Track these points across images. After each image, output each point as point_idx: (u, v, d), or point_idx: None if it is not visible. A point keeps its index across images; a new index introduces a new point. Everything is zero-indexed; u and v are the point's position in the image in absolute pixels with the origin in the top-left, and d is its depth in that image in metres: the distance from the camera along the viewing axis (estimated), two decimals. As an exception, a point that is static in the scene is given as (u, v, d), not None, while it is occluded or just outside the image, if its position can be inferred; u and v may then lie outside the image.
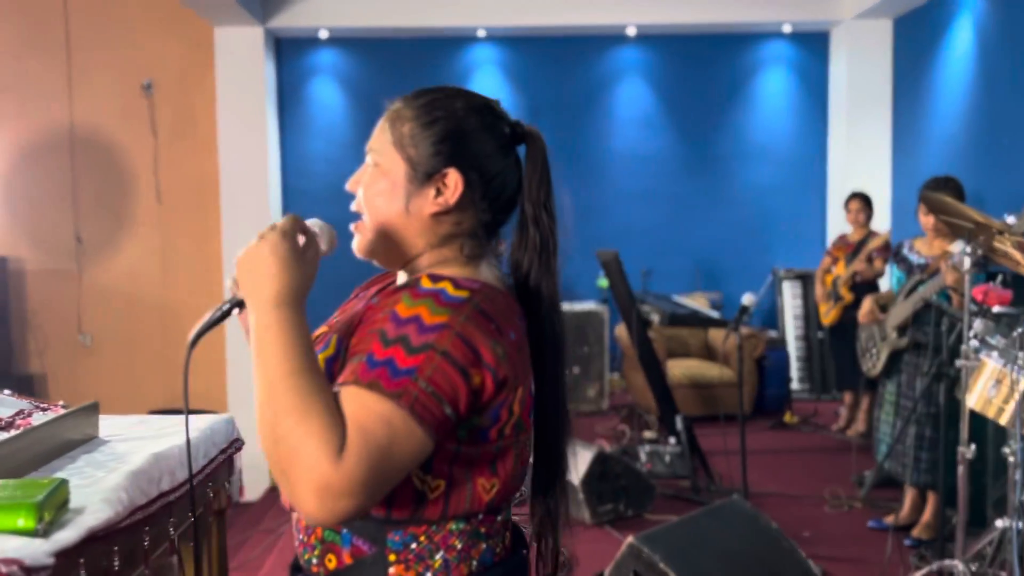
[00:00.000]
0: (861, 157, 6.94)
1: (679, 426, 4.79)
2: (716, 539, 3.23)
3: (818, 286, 5.83)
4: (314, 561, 1.12)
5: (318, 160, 7.19)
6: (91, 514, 1.26)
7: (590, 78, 7.28)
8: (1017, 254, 2.81)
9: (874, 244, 5.46)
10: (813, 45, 7.29)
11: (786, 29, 7.17)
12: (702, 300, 6.87)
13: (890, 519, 3.98)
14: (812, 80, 7.33)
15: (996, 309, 3.10)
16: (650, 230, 7.26)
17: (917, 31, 6.49)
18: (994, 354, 2.94)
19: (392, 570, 1.08)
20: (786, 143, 7.37)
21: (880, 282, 5.56)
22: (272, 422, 0.96)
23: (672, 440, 4.92)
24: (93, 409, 1.74)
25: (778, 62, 7.34)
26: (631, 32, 7.12)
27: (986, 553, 3.08)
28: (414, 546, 1.08)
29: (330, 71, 7.18)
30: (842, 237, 5.78)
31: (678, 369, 6.13)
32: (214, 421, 1.86)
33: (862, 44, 6.87)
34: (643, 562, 3.06)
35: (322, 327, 1.21)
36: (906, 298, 3.89)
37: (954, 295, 3.54)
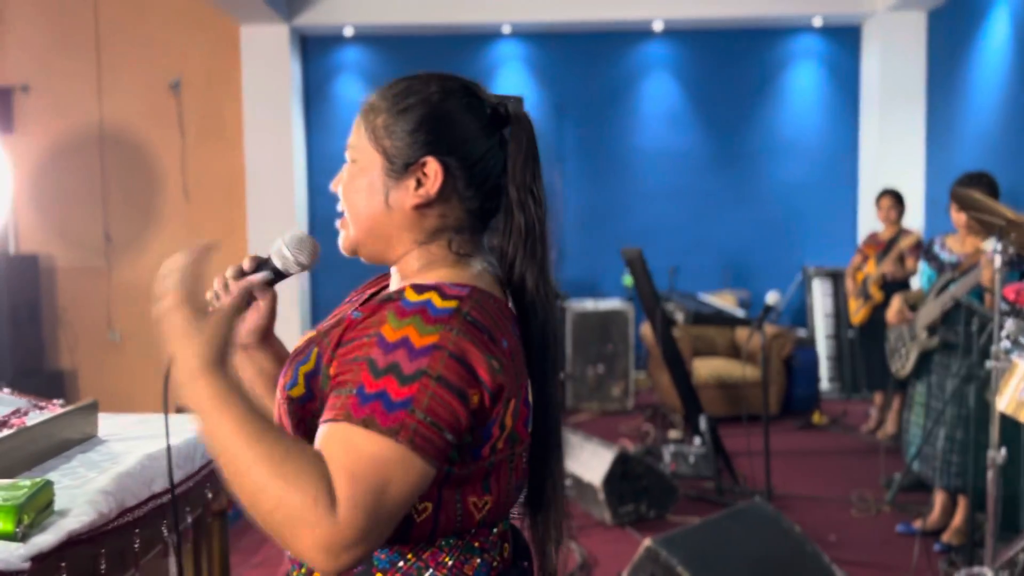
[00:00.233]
0: (893, 153, 6.80)
1: (703, 426, 4.71)
2: (737, 543, 3.16)
3: (848, 284, 5.72)
4: None
5: (343, 158, 7.17)
6: (74, 517, 1.24)
7: (616, 74, 7.21)
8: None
9: (906, 243, 5.33)
10: (844, 39, 7.16)
11: (816, 22, 7.04)
12: (730, 298, 6.78)
13: (919, 523, 3.88)
14: (843, 74, 7.20)
15: (1028, 309, 2.99)
16: (677, 227, 7.18)
17: (952, 23, 6.34)
18: (1026, 355, 2.84)
19: None
20: (816, 139, 7.25)
21: (911, 280, 5.43)
22: (252, 499, 0.90)
23: (697, 440, 4.84)
24: (91, 408, 1.73)
25: (808, 56, 7.22)
26: (658, 27, 7.04)
27: (1018, 560, 2.98)
28: (401, 564, 1.04)
29: (355, 68, 7.18)
30: (873, 235, 5.66)
31: (704, 368, 6.05)
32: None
33: (895, 37, 6.73)
34: (661, 565, 3.00)
35: (309, 332, 1.15)
36: (936, 297, 3.79)
37: (987, 294, 3.44)
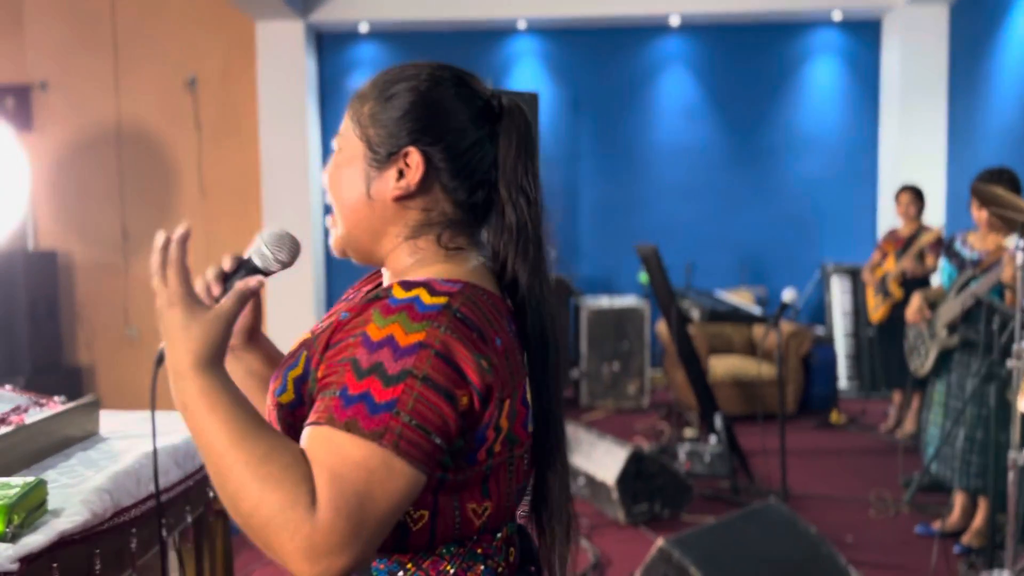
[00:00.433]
0: (914, 149, 6.71)
1: (718, 424, 4.67)
2: (751, 544, 3.12)
3: (867, 281, 5.64)
4: None
5: (358, 154, 7.18)
6: (66, 517, 1.22)
7: (632, 69, 7.16)
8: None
9: (926, 240, 5.24)
10: (864, 33, 7.07)
11: (836, 16, 6.96)
12: (747, 295, 6.72)
13: (938, 525, 3.82)
14: (863, 69, 7.11)
15: (1051, 307, 2.93)
16: (694, 224, 7.13)
17: (974, 17, 6.24)
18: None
19: None
20: (835, 134, 7.17)
21: (931, 277, 5.35)
22: (234, 501, 0.89)
23: (712, 439, 4.80)
24: (93, 406, 1.71)
25: (827, 51, 7.14)
26: (674, 22, 6.98)
27: (1039, 563, 2.92)
28: (401, 574, 1.01)
29: (371, 64, 7.17)
30: (892, 231, 5.58)
31: (720, 366, 5.99)
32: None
33: (916, 31, 6.63)
34: (673, 566, 2.96)
35: (306, 334, 1.11)
36: (957, 294, 3.72)
37: (1008, 292, 3.37)
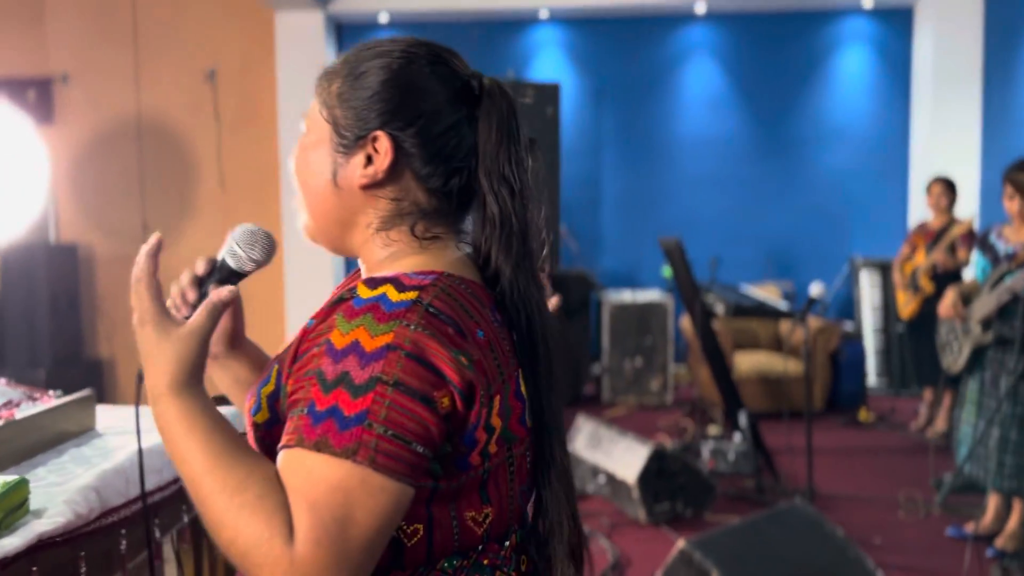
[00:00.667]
0: (947, 140, 6.55)
1: (743, 422, 4.56)
2: (775, 546, 3.02)
3: (896, 276, 5.50)
4: None
5: (379, 146, 7.13)
6: (48, 518, 1.15)
7: (657, 59, 7.05)
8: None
9: (957, 232, 5.10)
10: (895, 21, 6.91)
11: (866, 4, 6.81)
12: (773, 290, 6.60)
13: (970, 527, 3.69)
14: (894, 58, 6.96)
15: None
16: (719, 217, 7.02)
17: (1010, 3, 6.06)
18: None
19: None
20: (865, 125, 7.04)
21: (962, 271, 5.20)
22: (215, 529, 0.84)
23: (737, 437, 4.69)
24: (88, 400, 1.65)
25: (857, 39, 7.00)
26: (700, 10, 6.86)
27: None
28: None
29: (391, 56, 7.10)
30: (922, 225, 5.44)
31: (746, 362, 5.87)
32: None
33: (949, 18, 6.46)
34: (695, 568, 2.87)
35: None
36: (991, 289, 3.59)
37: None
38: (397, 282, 0.88)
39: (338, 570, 0.79)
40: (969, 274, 4.97)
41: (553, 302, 5.66)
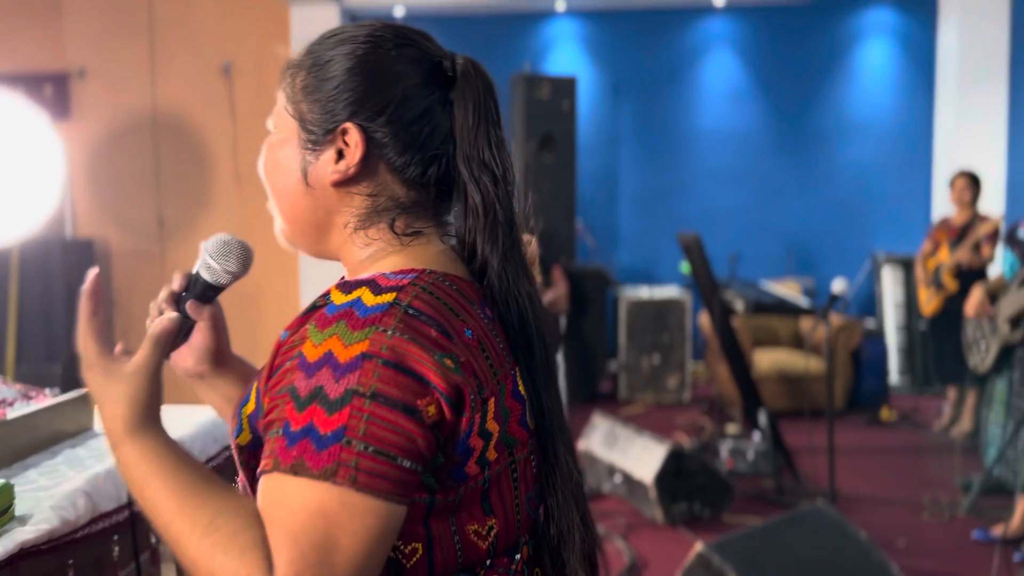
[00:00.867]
0: (972, 133, 6.42)
1: (763, 421, 4.48)
2: (797, 549, 2.95)
3: (918, 273, 5.39)
4: None
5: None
6: (33, 525, 1.10)
7: (675, 51, 6.97)
8: None
9: (983, 230, 4.98)
10: (919, 11, 6.78)
11: (890, -5, 6.69)
12: (794, 286, 6.50)
13: (998, 530, 3.59)
14: (918, 50, 6.84)
15: None
16: (738, 211, 6.93)
17: (1039, -7, 5.93)
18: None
19: None
20: (888, 119, 6.93)
21: (988, 269, 5.08)
22: (191, 570, 0.79)
23: (756, 436, 4.61)
24: (85, 399, 1.60)
25: (880, 31, 6.89)
26: (719, 2, 6.77)
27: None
28: None
29: (407, 49, 7.06)
30: (944, 220, 5.33)
31: (765, 360, 5.78)
32: (217, 414, 1.69)
33: (975, 9, 6.33)
34: (713, 572, 2.80)
35: None
36: (1020, 287, 3.49)
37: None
38: (373, 284, 0.82)
39: None
40: (995, 270, 4.86)
41: (557, 293, 5.59)
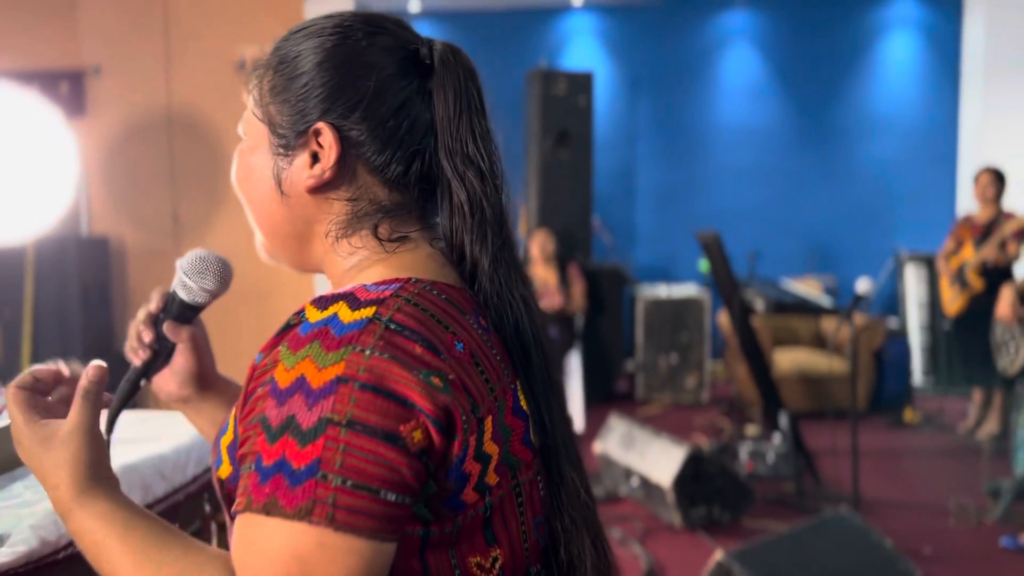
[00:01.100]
0: (998, 129, 6.28)
1: (783, 422, 4.38)
2: (820, 558, 2.86)
3: (941, 271, 5.28)
4: None
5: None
6: (9, 547, 1.04)
7: (694, 46, 6.89)
8: None
9: (1009, 228, 4.86)
10: (944, 3, 6.67)
11: (914, -13, 6.56)
12: (815, 284, 6.39)
13: (1028, 538, 3.49)
14: (943, 43, 6.72)
15: None
16: (758, 209, 6.84)
17: (1068, -16, 5.79)
18: None
19: None
20: (912, 114, 6.81)
21: (1014, 267, 4.96)
22: None
23: (776, 438, 4.51)
24: (79, 407, 1.53)
25: (904, 24, 6.77)
26: (739, -5, 6.67)
27: None
28: None
29: (422, 45, 7.01)
30: (967, 218, 5.21)
31: (786, 360, 5.68)
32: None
33: (1002, 2, 6.19)
34: (733, 582, 2.72)
35: None
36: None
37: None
38: (351, 298, 0.75)
39: None
40: (1020, 269, 4.74)
41: (573, 292, 5.49)
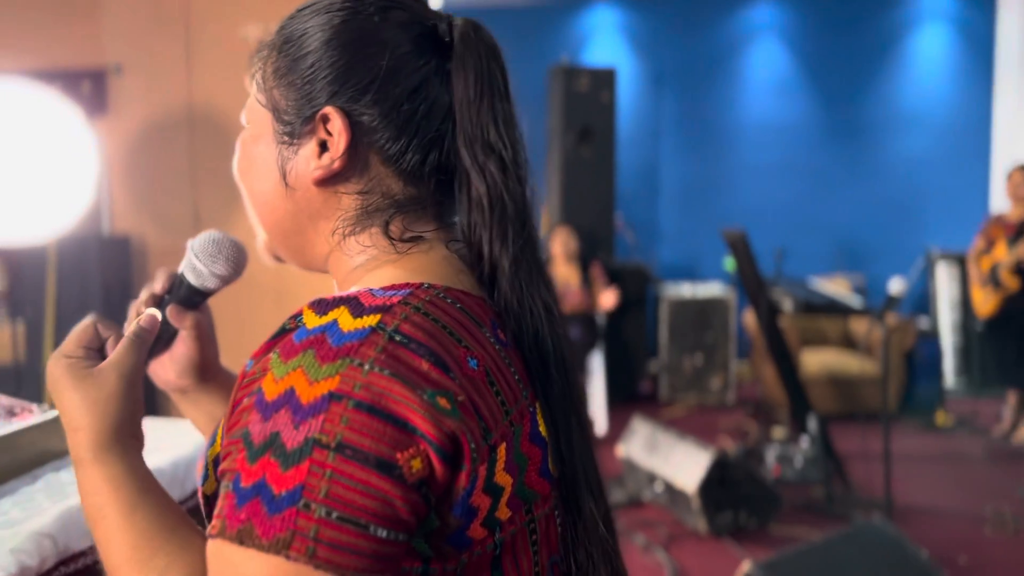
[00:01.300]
0: (1034, 123, 6.13)
1: (812, 425, 4.26)
2: (852, 569, 2.75)
3: (972, 271, 5.14)
4: None
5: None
6: (-14, 572, 0.97)
7: (719, 40, 6.79)
8: None
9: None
10: (978, -4, 6.50)
11: (946, -21, 6.42)
12: (843, 283, 6.26)
13: (1068, 548, 3.36)
14: (976, 36, 6.58)
15: None
16: (785, 206, 6.73)
17: (1107, -26, 5.62)
18: None
19: None
20: (944, 109, 6.67)
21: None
22: None
23: (804, 441, 4.40)
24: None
25: (936, 17, 6.64)
26: (766, -11, 6.55)
27: None
28: None
29: (442, 42, 6.95)
30: (998, 217, 5.07)
31: (814, 361, 5.55)
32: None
33: (1038, -7, 6.04)
34: (761, 594, 2.62)
35: None
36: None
37: None
38: (354, 303, 0.66)
39: None
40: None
41: (610, 298, 5.39)
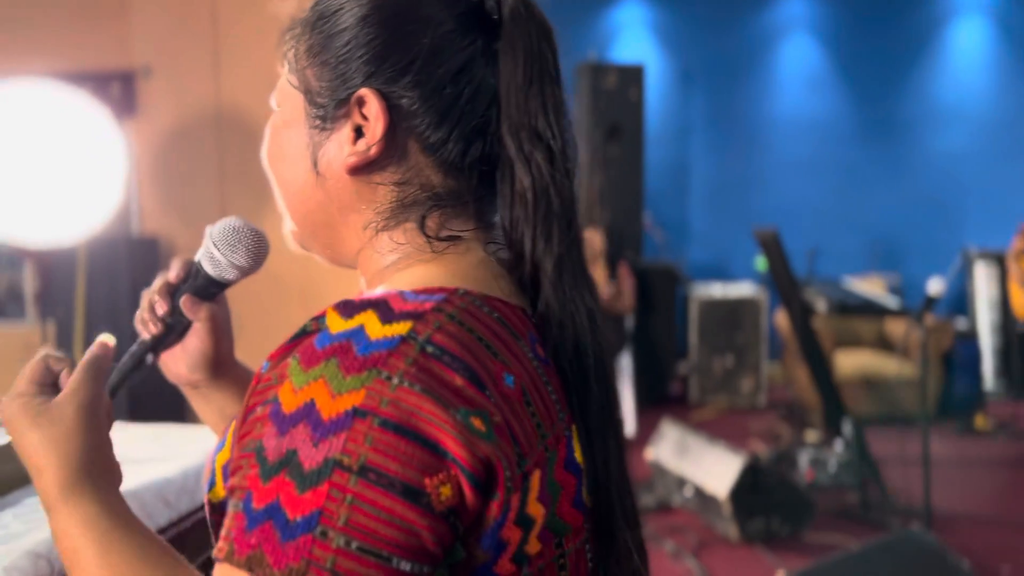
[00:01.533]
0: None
1: (847, 429, 4.16)
2: (890, 580, 2.66)
3: (1011, 271, 5.01)
4: None
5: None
6: (-20, 590, 0.92)
7: (749, 36, 6.74)
8: None
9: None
10: (1018, -12, 6.36)
11: (985, -30, 6.29)
12: (878, 283, 6.14)
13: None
14: (1015, 29, 6.45)
15: None
16: (818, 204, 6.65)
17: None
18: None
19: None
20: (982, 104, 6.57)
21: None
22: None
23: (839, 445, 4.29)
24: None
25: (973, 9, 6.54)
26: (798, -18, 6.45)
27: None
28: None
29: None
30: (1040, 214, 4.94)
31: (848, 363, 5.44)
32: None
33: (1081, -17, 5.89)
34: (796, 605, 2.54)
35: None
36: None
37: None
38: (383, 307, 0.60)
39: None
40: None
41: (627, 292, 5.29)
